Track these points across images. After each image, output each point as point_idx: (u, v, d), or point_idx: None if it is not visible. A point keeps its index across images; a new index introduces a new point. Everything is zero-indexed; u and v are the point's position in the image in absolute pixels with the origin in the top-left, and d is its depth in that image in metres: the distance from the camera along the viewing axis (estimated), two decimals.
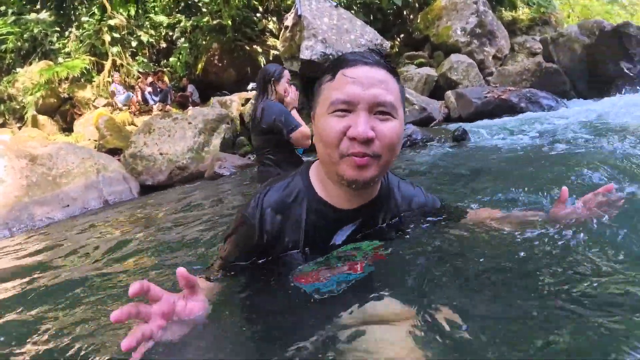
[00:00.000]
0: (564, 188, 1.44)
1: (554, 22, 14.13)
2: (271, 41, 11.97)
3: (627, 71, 8.36)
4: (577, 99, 8.63)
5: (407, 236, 1.43)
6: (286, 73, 3.79)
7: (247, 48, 11.78)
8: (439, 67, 9.89)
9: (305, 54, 8.67)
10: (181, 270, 0.97)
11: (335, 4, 9.98)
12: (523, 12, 13.74)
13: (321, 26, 9.12)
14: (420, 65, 10.07)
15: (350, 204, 1.34)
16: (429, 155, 4.77)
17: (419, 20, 11.59)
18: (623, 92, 7.93)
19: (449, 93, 8.51)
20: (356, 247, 1.33)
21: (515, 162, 3.71)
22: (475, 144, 5.20)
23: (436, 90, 9.15)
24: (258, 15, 12.57)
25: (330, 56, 8.70)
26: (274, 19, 12.52)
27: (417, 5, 12.41)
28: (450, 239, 1.46)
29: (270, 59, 11.30)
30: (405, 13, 12.43)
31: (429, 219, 1.54)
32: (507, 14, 13.33)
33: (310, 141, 3.39)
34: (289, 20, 9.98)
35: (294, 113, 3.63)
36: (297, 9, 9.34)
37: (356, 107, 1.20)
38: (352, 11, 10.70)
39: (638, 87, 8.03)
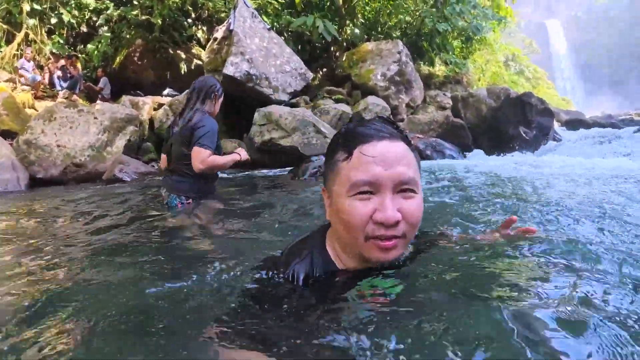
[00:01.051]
0: (513, 217, 1.57)
1: (465, 83, 15.31)
2: (196, 50, 11.70)
3: (523, 134, 9.23)
4: (476, 153, 9.33)
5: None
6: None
7: (171, 52, 11.43)
8: (355, 106, 10.17)
9: (229, 70, 8.65)
10: None
11: (269, 26, 10.07)
12: (439, 69, 14.74)
13: (250, 45, 9.16)
14: (337, 101, 10.30)
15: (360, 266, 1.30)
16: None
17: (344, 59, 11.94)
18: (518, 152, 8.79)
19: None
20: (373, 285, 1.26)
21: None
22: None
23: None
24: (189, 20, 12.25)
25: (254, 77, 8.76)
26: (204, 28, 12.23)
27: (345, 44, 12.80)
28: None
29: (192, 67, 11.04)
30: (332, 49, 12.77)
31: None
32: (425, 68, 14.25)
33: (202, 167, 3.35)
34: (219, 33, 9.89)
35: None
36: (231, 22, 9.32)
37: (380, 188, 1.15)
38: (283, 37, 10.84)
39: (531, 150, 8.93)
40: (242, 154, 3.67)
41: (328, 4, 12.73)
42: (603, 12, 75.22)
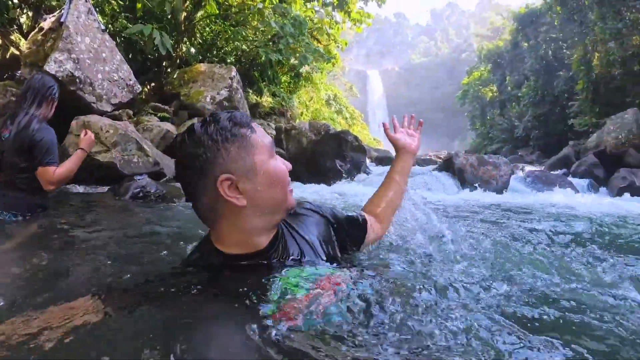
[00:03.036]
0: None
1: (289, 116, 16.43)
2: (15, 37, 10.50)
3: (339, 167, 10.17)
4: (296, 182, 9.98)
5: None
6: None
7: None
8: (181, 126, 10.07)
9: (51, 67, 8.01)
10: None
11: (104, 27, 9.51)
12: (266, 100, 15.52)
13: (80, 44, 8.63)
14: (162, 119, 10.08)
15: (267, 240, 1.40)
16: (168, 210, 4.76)
17: (175, 76, 11.85)
18: (334, 183, 9.83)
19: None
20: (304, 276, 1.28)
21: None
22: None
23: (171, 147, 8.88)
24: (15, 1, 10.87)
25: (77, 80, 8.33)
26: (30, 13, 11.08)
27: (178, 61, 12.73)
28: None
29: (7, 57, 9.93)
30: (164, 64, 12.50)
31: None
32: (253, 98, 14.83)
33: (53, 187, 3.18)
34: (47, 23, 9.15)
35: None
36: (64, 14, 8.61)
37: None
38: (115, 42, 10.42)
39: (345, 180, 10.04)
40: (85, 145, 3.38)
41: (169, 16, 12.50)
42: (417, 70, 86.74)
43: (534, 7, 30.98)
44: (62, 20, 8.64)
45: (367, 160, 12.35)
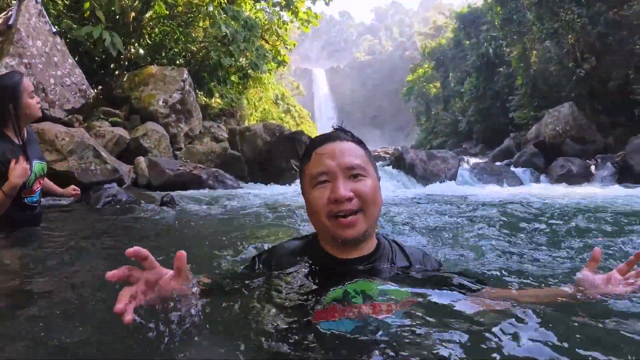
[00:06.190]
0: (597, 249, 1.40)
1: (239, 117, 16.54)
2: None
3: (295, 167, 10.42)
4: (253, 183, 10.21)
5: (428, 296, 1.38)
6: (26, 84, 2.85)
7: None
8: (134, 131, 9.88)
9: (1, 73, 7.90)
10: (181, 253, 1.15)
11: (55, 30, 9.10)
12: (215, 101, 15.53)
13: (32, 48, 8.35)
14: (114, 124, 9.79)
15: (347, 255, 1.49)
16: (143, 218, 4.67)
17: (125, 79, 11.55)
18: (293, 183, 10.04)
19: (141, 159, 8.51)
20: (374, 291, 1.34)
21: (219, 225, 4.32)
22: (183, 210, 5.37)
23: (125, 152, 9.07)
24: None
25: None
26: None
27: (126, 63, 12.38)
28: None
29: None
30: (112, 67, 12.10)
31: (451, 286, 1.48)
32: (203, 99, 14.72)
33: None
34: None
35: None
36: (12, 16, 8.24)
37: (333, 175, 1.41)
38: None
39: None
40: (15, 174, 2.71)
41: (117, 17, 12.04)
42: (362, 68, 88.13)
43: (476, 7, 32.40)
44: (10, 22, 8.26)
45: None
